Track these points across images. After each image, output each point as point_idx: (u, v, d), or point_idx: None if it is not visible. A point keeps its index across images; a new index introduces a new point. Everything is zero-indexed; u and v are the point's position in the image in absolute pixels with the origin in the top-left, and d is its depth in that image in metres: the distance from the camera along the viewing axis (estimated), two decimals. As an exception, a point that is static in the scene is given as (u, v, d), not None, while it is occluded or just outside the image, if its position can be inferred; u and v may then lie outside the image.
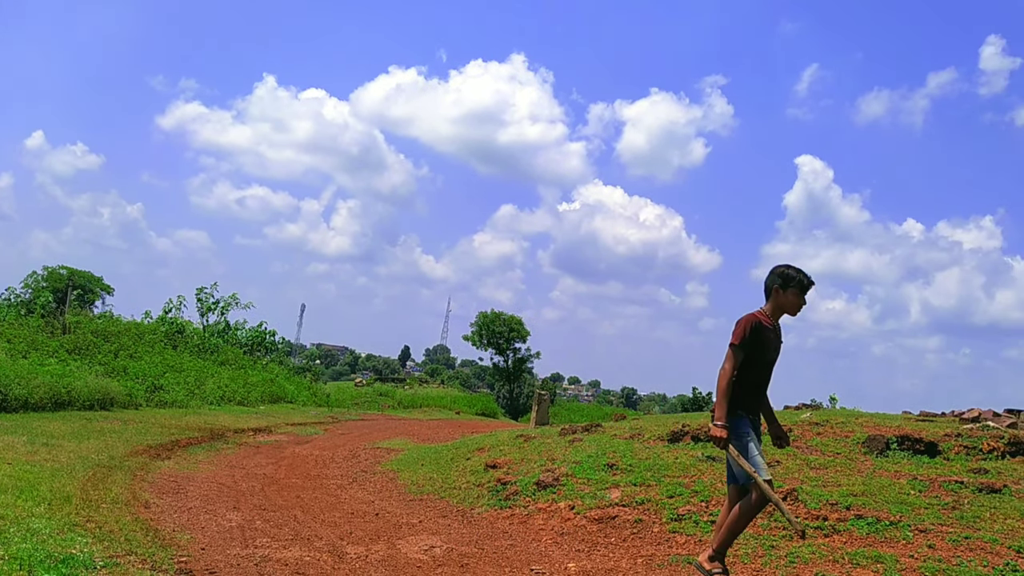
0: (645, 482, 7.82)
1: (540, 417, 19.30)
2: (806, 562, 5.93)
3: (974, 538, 6.18)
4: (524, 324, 48.49)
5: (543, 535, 6.96)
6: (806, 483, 7.50)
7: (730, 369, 4.93)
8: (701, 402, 41.99)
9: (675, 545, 6.43)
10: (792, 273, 5.18)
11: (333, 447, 13.65)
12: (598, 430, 11.66)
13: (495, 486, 8.60)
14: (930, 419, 12.35)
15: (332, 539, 6.42)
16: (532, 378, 52.18)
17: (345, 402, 30.86)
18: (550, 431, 13.09)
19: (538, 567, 5.87)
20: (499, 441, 12.30)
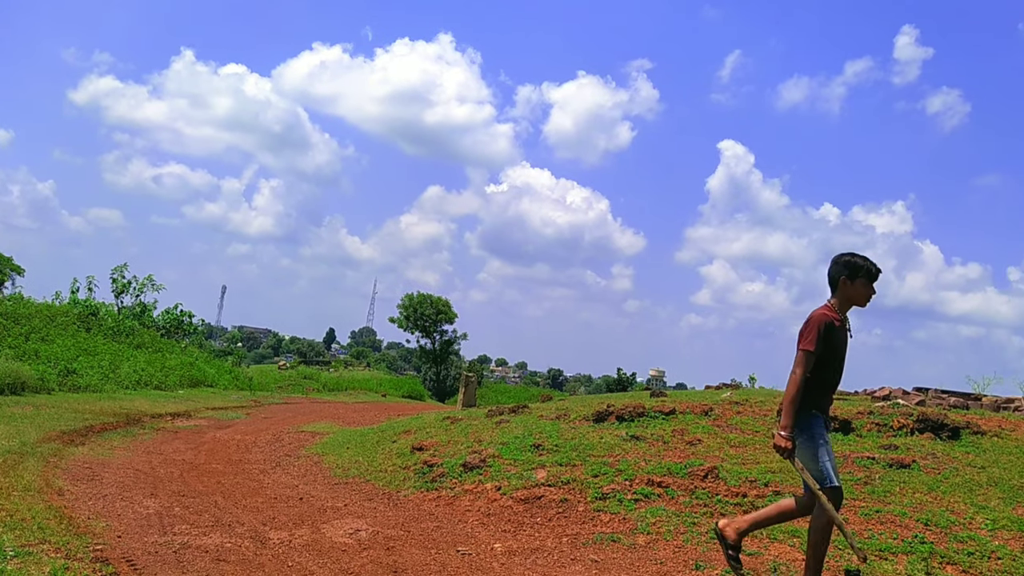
0: (571, 462, 7.89)
1: (467, 399, 19.31)
2: (726, 537, 6.06)
3: (885, 512, 6.43)
4: (451, 306, 48.48)
5: (470, 516, 6.97)
6: (726, 461, 7.68)
7: (800, 375, 4.67)
8: (626, 382, 42.67)
9: (600, 524, 6.52)
10: (859, 261, 4.86)
11: (256, 431, 13.40)
12: (525, 411, 11.72)
13: (421, 468, 8.57)
14: (844, 398, 12.79)
15: (254, 525, 6.31)
16: (459, 360, 52.18)
17: (268, 386, 30.35)
18: (477, 413, 13.11)
19: (464, 548, 5.87)
20: (426, 423, 12.26)
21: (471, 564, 5.45)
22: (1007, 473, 7.40)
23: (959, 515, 6.36)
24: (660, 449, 8.22)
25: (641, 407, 9.85)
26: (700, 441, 8.48)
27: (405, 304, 47.83)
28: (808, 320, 4.78)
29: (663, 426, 9.15)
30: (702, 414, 9.69)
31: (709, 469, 7.29)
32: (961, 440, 8.66)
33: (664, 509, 6.65)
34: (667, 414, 9.65)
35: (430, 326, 47.80)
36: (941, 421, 8.96)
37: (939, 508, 6.50)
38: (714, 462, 7.54)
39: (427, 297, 47.95)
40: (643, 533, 6.24)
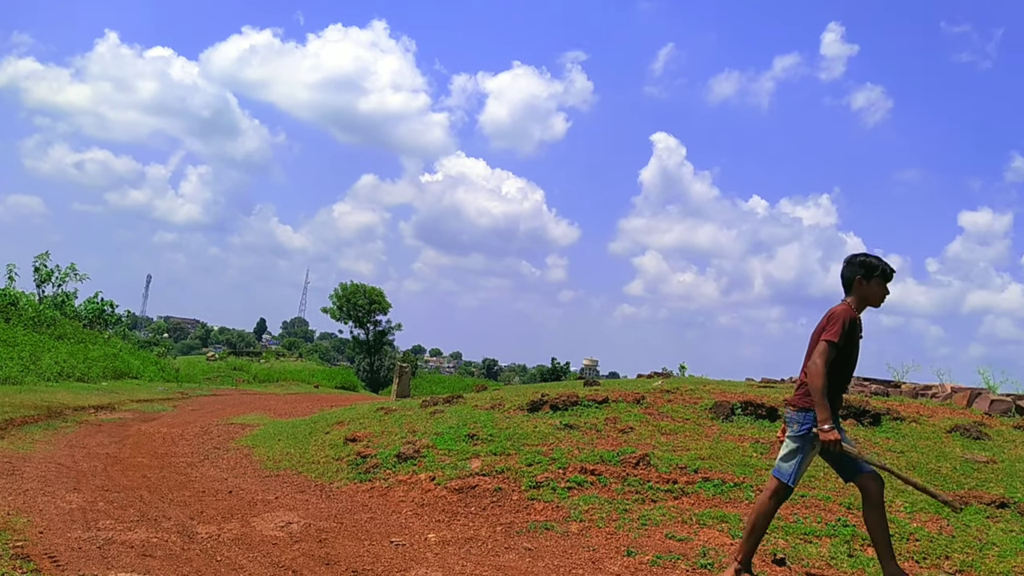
0: (505, 451, 7.91)
1: (401, 389, 19.21)
2: (657, 524, 6.17)
3: (809, 496, 6.61)
4: (385, 296, 48.16)
5: (403, 507, 6.94)
6: (657, 448, 7.80)
7: (823, 365, 4.64)
8: (560, 372, 43.00)
9: (533, 512, 6.55)
10: (874, 261, 4.90)
11: (183, 424, 13.10)
12: (459, 401, 11.71)
13: (355, 459, 8.49)
14: (771, 385, 13.11)
15: (181, 519, 6.16)
16: (393, 350, 51.90)
17: (196, 377, 29.68)
18: (411, 403, 13.05)
19: (398, 538, 5.84)
20: (359, 414, 12.16)
21: (405, 555, 5.42)
22: (924, 457, 7.68)
23: (879, 498, 6.57)
24: (593, 437, 8.30)
25: (575, 396, 9.93)
26: (632, 429, 8.60)
27: (338, 294, 47.29)
28: (832, 314, 4.79)
29: (596, 415, 9.24)
30: (634, 402, 9.82)
31: (641, 456, 7.39)
32: (882, 426, 8.96)
33: (597, 497, 6.72)
34: (600, 403, 9.75)
35: (364, 316, 47.37)
36: (863, 408, 9.26)
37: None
38: (646, 449, 7.64)
39: (361, 287, 47.48)
40: (576, 521, 6.29)
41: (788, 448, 4.87)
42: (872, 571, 5.29)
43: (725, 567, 5.04)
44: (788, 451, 4.86)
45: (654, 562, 5.43)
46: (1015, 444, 8.61)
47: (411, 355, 65.10)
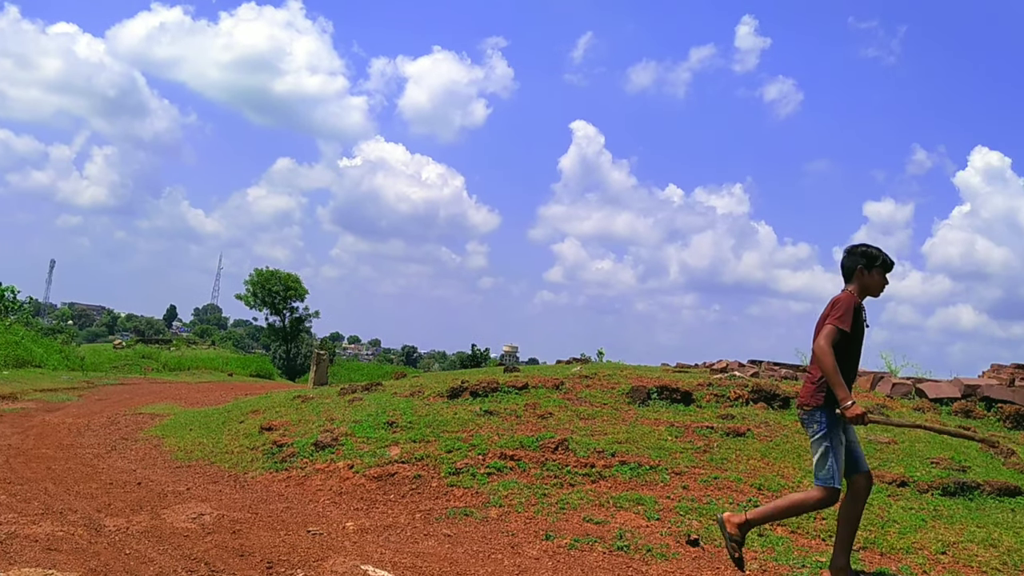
0: (424, 438, 7.89)
1: (319, 377, 18.94)
2: (575, 508, 6.25)
3: (722, 478, 6.79)
4: (302, 282, 47.21)
5: (321, 496, 6.85)
6: (576, 433, 7.89)
7: (828, 345, 4.58)
8: (480, 358, 43.04)
9: (453, 498, 6.55)
10: (875, 252, 4.89)
11: (89, 414, 12.64)
12: (378, 388, 11.61)
13: (270, 449, 8.33)
14: (685, 370, 13.41)
15: (88, 512, 5.95)
16: (310, 338, 51.03)
17: (103, 366, 28.61)
18: (329, 391, 12.90)
19: (315, 528, 5.76)
20: (275, 403, 11.95)
21: (322, 544, 5.36)
22: (830, 439, 7.95)
23: (788, 479, 6.81)
24: (513, 423, 8.34)
25: (495, 382, 9.96)
26: (551, 414, 8.67)
27: (253, 280, 46.17)
28: (837, 300, 4.78)
29: (516, 400, 9.29)
30: (553, 388, 9.90)
31: (560, 441, 7.46)
32: (791, 409, 9.25)
33: (516, 482, 6.76)
34: (520, 389, 9.80)
35: (279, 303, 46.41)
36: (773, 391, 9.55)
37: (771, 473, 6.93)
38: (564, 434, 7.72)
39: (276, 273, 46.45)
40: (496, 506, 6.32)
41: (817, 454, 4.73)
42: (780, 549, 5.47)
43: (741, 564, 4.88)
44: (819, 457, 4.72)
45: (572, 545, 5.50)
46: (914, 425, 9.00)
47: (329, 342, 64.18)
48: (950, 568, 5.26)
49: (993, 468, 7.39)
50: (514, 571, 4.95)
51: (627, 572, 5.04)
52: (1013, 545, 5.56)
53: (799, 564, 5.22)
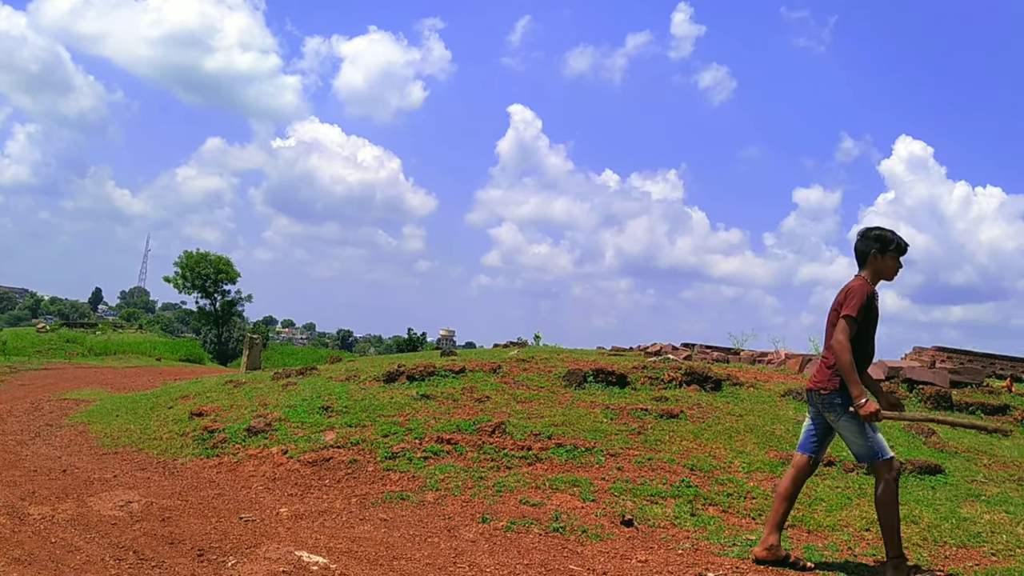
0: (360, 423, 7.82)
1: (251, 362, 18.63)
2: (512, 490, 6.27)
3: (656, 459, 6.89)
4: (234, 265, 46.22)
5: (254, 482, 6.74)
6: (513, 416, 7.91)
7: (846, 340, 4.57)
8: (416, 342, 42.82)
9: (389, 483, 6.51)
10: (889, 235, 4.82)
11: (11, 399, 12.21)
12: (313, 373, 11.47)
13: (201, 435, 8.16)
14: (621, 354, 13.57)
15: (11, 500, 5.75)
16: (243, 322, 50.12)
17: (25, 350, 27.66)
18: (262, 376, 12.70)
19: (248, 514, 5.67)
20: (206, 388, 11.71)
21: (255, 530, 5.27)
22: (761, 420, 8.15)
23: (720, 460, 6.95)
24: (450, 407, 8.32)
25: (432, 366, 9.93)
26: (488, 398, 8.68)
27: (182, 263, 45.01)
28: (850, 288, 4.74)
29: (453, 384, 9.27)
30: (491, 372, 9.91)
31: (497, 425, 7.47)
32: (723, 391, 9.45)
33: (453, 465, 6.75)
34: (457, 373, 9.78)
35: (210, 286, 45.37)
36: (706, 374, 9.73)
37: (703, 454, 7.06)
38: (501, 418, 7.74)
39: (206, 255, 45.36)
40: (432, 490, 6.31)
41: (853, 433, 4.72)
42: (712, 528, 5.59)
43: (879, 571, 4.83)
44: (855, 436, 4.71)
45: (508, 528, 5.52)
46: (840, 406, 9.26)
47: (262, 326, 63.03)
48: (874, 544, 5.43)
49: (914, 448, 7.65)
50: (451, 554, 4.95)
51: (562, 553, 5.09)
52: (933, 521, 5.77)
53: (730, 543, 5.34)
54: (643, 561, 4.96)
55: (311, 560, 4.62)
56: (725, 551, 5.19)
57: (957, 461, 7.30)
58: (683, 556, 5.10)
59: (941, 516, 5.88)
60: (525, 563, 4.81)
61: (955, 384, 11.28)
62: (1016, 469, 7.23)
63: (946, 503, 6.15)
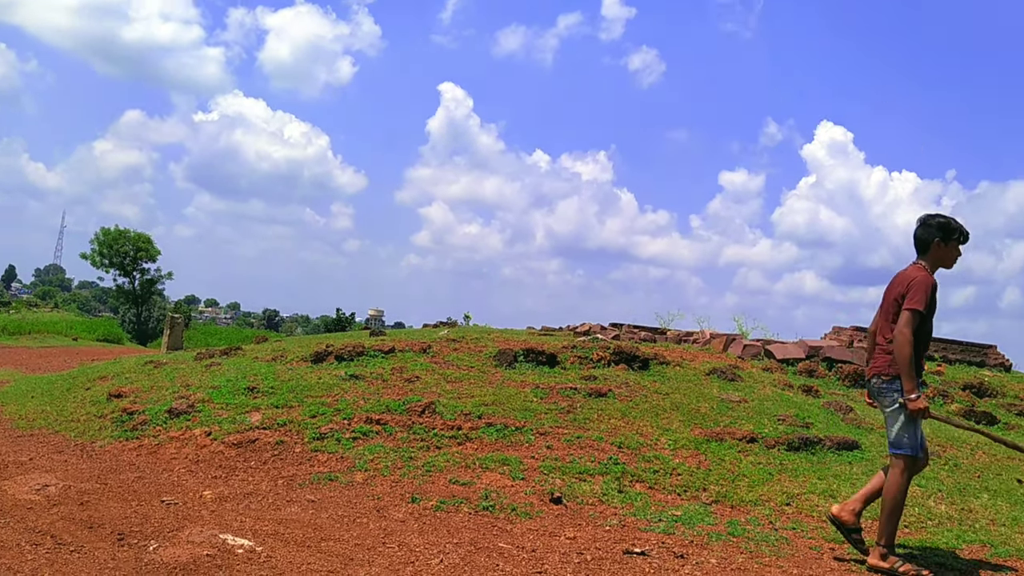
0: (287, 404, 7.70)
1: (173, 342, 18.14)
2: (441, 470, 6.27)
3: (584, 437, 6.97)
4: (154, 242, 44.92)
5: (176, 464, 6.58)
6: (443, 396, 7.89)
7: (911, 334, 4.53)
8: (345, 322, 42.39)
9: (317, 464, 6.44)
10: (953, 224, 4.77)
11: (-86, 382, 11.67)
12: (238, 353, 11.24)
13: (120, 416, 7.92)
14: (550, 333, 13.65)
15: (-87, 488, 5.49)
16: (163, 301, 48.89)
17: (-69, 330, 26.49)
18: (184, 356, 12.40)
19: (169, 497, 5.53)
20: (125, 368, 11.37)
21: (178, 513, 5.15)
22: (686, 398, 8.31)
23: (647, 437, 7.07)
24: (379, 387, 8.26)
25: (361, 346, 9.83)
26: (418, 378, 8.64)
27: (99, 239, 43.53)
28: (914, 280, 4.67)
29: (382, 364, 9.20)
30: (420, 352, 9.87)
31: (426, 405, 7.45)
32: (650, 370, 9.59)
33: (382, 446, 6.71)
34: (386, 353, 9.71)
35: (129, 264, 44.01)
36: (633, 353, 9.86)
37: (631, 432, 7.16)
38: (431, 398, 7.71)
39: (125, 232, 43.94)
40: (361, 470, 6.26)
41: (899, 422, 4.70)
42: (639, 505, 5.68)
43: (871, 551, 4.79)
44: (901, 425, 4.69)
45: (438, 507, 5.52)
46: (763, 384, 9.52)
47: (184, 305, 61.56)
48: (794, 518, 5.61)
49: (833, 424, 7.91)
50: (380, 534, 4.92)
51: (492, 531, 5.11)
52: (850, 495, 5.96)
53: (656, 518, 5.44)
54: (571, 538, 5.02)
55: (236, 543, 4.54)
56: (651, 527, 5.29)
57: (873, 437, 7.57)
58: (610, 532, 5.18)
59: (857, 490, 6.09)
60: (455, 542, 4.82)
61: (871, 363, 11.66)
62: (928, 445, 7.53)
63: (862, 477, 6.38)
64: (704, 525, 5.36)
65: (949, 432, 8.24)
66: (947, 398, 10.29)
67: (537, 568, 4.44)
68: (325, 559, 4.38)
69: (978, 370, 13.61)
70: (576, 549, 4.80)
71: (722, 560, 4.76)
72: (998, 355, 15.19)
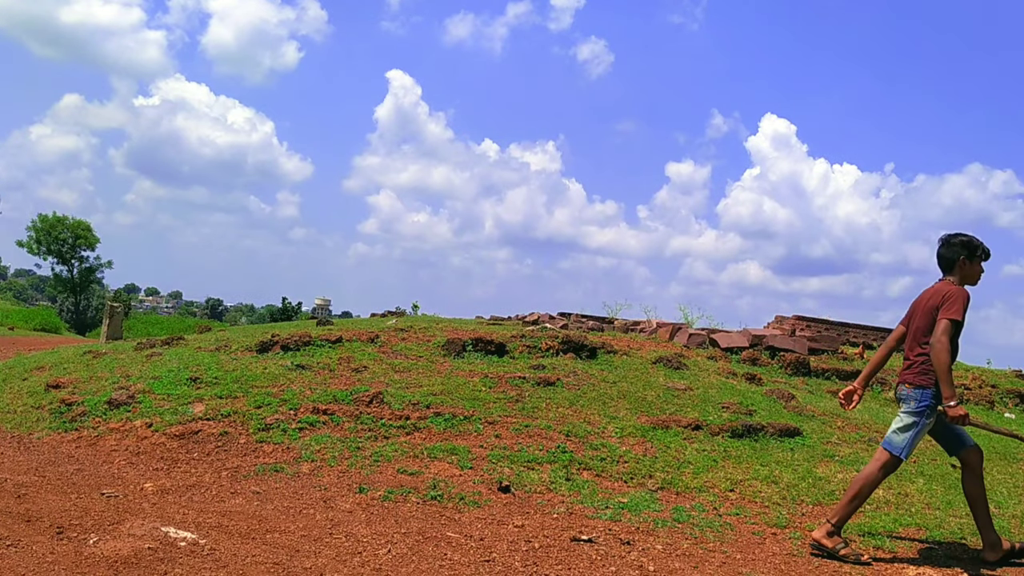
0: (232, 394, 7.58)
1: (112, 331, 17.74)
2: (389, 460, 6.24)
3: (533, 426, 7.00)
4: (93, 230, 43.95)
5: (116, 456, 6.44)
6: (391, 386, 7.85)
7: (948, 341, 4.65)
8: (291, 312, 41.87)
9: (262, 455, 6.36)
10: (976, 242, 4.94)
11: None
12: (180, 343, 11.03)
13: (58, 407, 7.72)
14: (499, 323, 13.68)
15: None
16: (102, 289, 47.81)
17: None
18: (124, 346, 12.13)
19: (110, 490, 5.41)
20: (63, 358, 11.08)
21: (118, 506, 5.04)
22: (633, 387, 8.40)
23: (595, 425, 7.12)
24: (326, 377, 8.18)
25: (307, 336, 9.72)
26: (366, 368, 8.58)
27: (36, 226, 42.42)
28: (949, 292, 4.79)
29: (330, 354, 9.11)
30: (368, 341, 9.80)
31: (374, 395, 7.40)
32: (597, 359, 9.67)
33: (329, 436, 6.65)
34: (334, 342, 9.62)
35: (67, 252, 42.98)
36: (581, 342, 9.93)
37: (579, 420, 7.21)
38: (379, 388, 7.67)
39: (63, 219, 42.91)
40: (308, 461, 6.20)
41: (904, 422, 4.85)
42: (586, 492, 5.73)
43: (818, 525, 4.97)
44: (903, 425, 4.85)
45: (386, 497, 5.50)
46: (708, 372, 9.67)
47: (123, 294, 60.20)
48: (737, 504, 5.71)
49: (775, 412, 8.07)
50: (326, 525, 4.88)
51: (440, 521, 5.11)
52: (791, 481, 6.12)
53: (603, 506, 5.49)
54: (519, 526, 5.05)
55: (179, 536, 4.46)
56: (598, 514, 5.34)
57: (814, 424, 7.75)
58: (558, 520, 5.22)
59: (799, 476, 6.24)
60: (403, 532, 4.80)
61: (813, 351, 11.94)
62: (867, 431, 7.75)
63: (804, 463, 6.53)
64: (650, 512, 5.44)
65: (887, 419, 8.47)
66: (885, 385, 10.57)
67: (485, 556, 4.45)
68: (270, 551, 4.34)
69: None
70: (524, 537, 4.83)
71: (667, 546, 4.83)
72: (933, 344, 15.64)
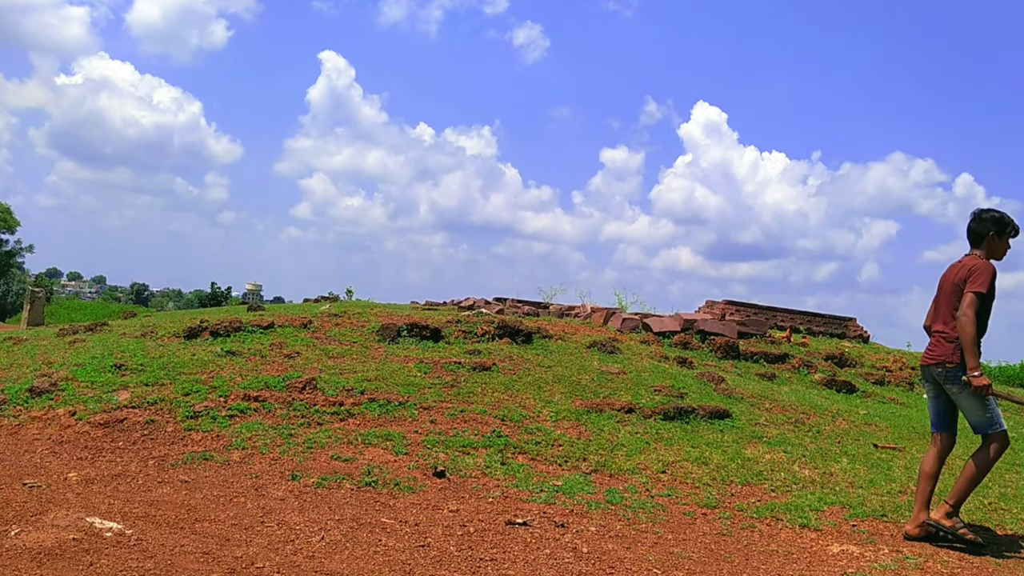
0: (158, 381, 7.39)
1: (33, 317, 17.15)
2: (323, 446, 6.17)
3: (468, 411, 7.00)
4: (12, 212, 42.35)
5: (38, 446, 6.23)
6: (324, 372, 7.76)
7: (974, 315, 4.70)
8: (220, 297, 41.02)
9: (191, 443, 6.22)
10: (1006, 219, 4.98)
11: None
12: (104, 329, 10.72)
13: (-26, 397, 7.43)
14: (435, 308, 13.63)
15: None
16: (23, 274, 46.10)
17: None
18: (46, 332, 11.73)
19: (32, 480, 5.24)
20: (-20, 346, 10.66)
21: (41, 497, 4.88)
22: (568, 371, 8.46)
23: (530, 410, 7.16)
24: (258, 363, 8.04)
25: (238, 322, 9.53)
26: (299, 354, 8.46)
27: (-50, 208, 40.68)
28: (975, 266, 4.85)
29: (261, 340, 8.96)
30: (301, 327, 9.66)
31: (307, 381, 7.30)
32: (533, 344, 9.71)
33: (261, 423, 6.54)
34: (265, 328, 9.46)
35: (-16, 235, 41.33)
36: (517, 327, 9.96)
37: (514, 405, 7.24)
38: (313, 374, 7.57)
39: (-20, 201, 41.22)
40: (238, 449, 6.09)
41: (977, 406, 4.86)
42: (521, 476, 5.76)
43: (936, 507, 4.98)
44: (979, 408, 4.86)
45: (319, 484, 5.44)
46: (641, 356, 9.80)
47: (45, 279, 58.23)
48: (669, 485, 5.81)
49: (706, 394, 8.22)
50: (258, 513, 4.81)
51: (374, 507, 5.08)
52: (721, 462, 6.25)
53: (538, 489, 5.53)
54: (455, 511, 5.05)
55: (104, 526, 4.34)
56: (533, 497, 5.37)
57: (743, 406, 7.92)
58: (493, 504, 5.24)
59: (728, 457, 6.37)
60: (336, 518, 4.76)
61: (742, 335, 12.20)
62: (793, 412, 7.95)
63: (733, 445, 6.67)
64: (584, 494, 5.49)
65: (812, 401, 8.72)
66: (811, 368, 10.86)
67: (420, 542, 4.44)
68: (200, 540, 4.25)
69: (839, 341, 14.44)
70: (459, 522, 4.83)
71: (601, 528, 4.89)
72: (857, 327, 16.17)
